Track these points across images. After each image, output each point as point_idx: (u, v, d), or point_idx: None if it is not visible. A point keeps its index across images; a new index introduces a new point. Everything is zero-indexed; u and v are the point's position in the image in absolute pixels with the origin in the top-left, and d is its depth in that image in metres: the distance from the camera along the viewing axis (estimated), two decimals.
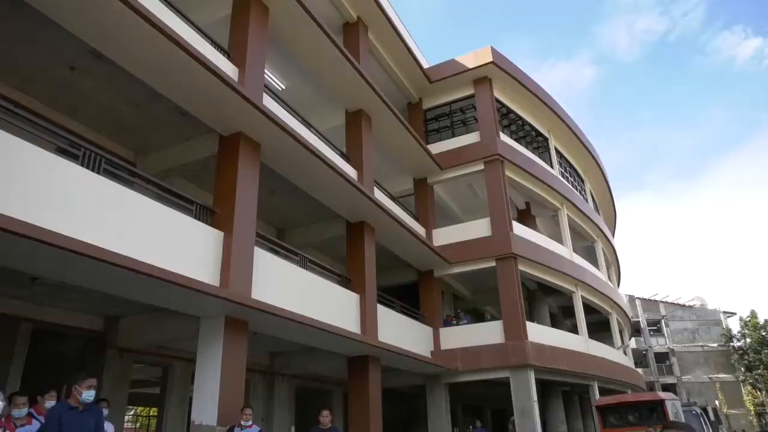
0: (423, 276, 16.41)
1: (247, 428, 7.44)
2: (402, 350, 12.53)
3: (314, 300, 10.12)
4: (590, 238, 22.45)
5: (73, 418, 4.48)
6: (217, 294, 7.46)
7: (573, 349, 16.42)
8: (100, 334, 9.77)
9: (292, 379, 14.39)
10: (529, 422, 13.83)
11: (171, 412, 11.00)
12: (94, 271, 6.44)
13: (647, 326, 45.02)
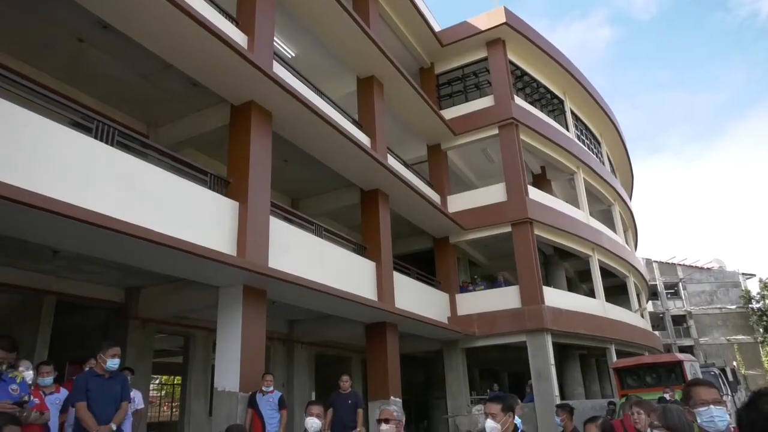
0: (438, 243, 16.40)
1: (269, 394, 7.61)
2: (419, 316, 12.62)
3: (330, 268, 10.17)
4: (607, 201, 22.20)
5: (98, 385, 4.59)
6: (234, 263, 7.52)
7: (590, 313, 16.41)
8: (122, 306, 9.95)
9: (311, 346, 14.61)
10: (546, 385, 13.95)
11: (194, 379, 11.26)
12: (112, 243, 6.50)
13: (664, 289, 44.83)
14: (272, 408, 7.51)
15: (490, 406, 3.72)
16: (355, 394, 8.40)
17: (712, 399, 2.65)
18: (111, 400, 4.57)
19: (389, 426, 4.00)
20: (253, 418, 7.42)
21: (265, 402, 7.52)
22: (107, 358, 4.62)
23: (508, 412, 3.70)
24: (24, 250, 7.56)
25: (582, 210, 18.49)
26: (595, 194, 20.94)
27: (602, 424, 3.58)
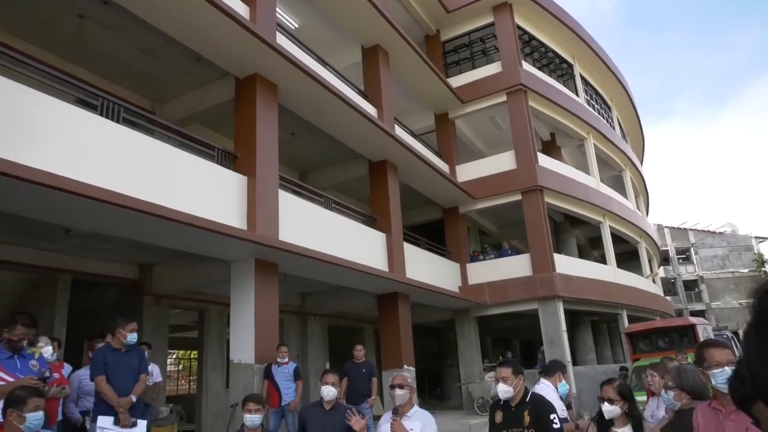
0: (448, 213, 16.36)
1: (284, 365, 7.71)
2: (430, 286, 12.67)
3: (340, 240, 10.18)
4: (618, 167, 21.96)
5: (116, 358, 4.65)
6: (245, 237, 7.54)
7: (601, 279, 16.40)
8: (136, 282, 10.07)
9: (324, 318, 14.77)
10: (558, 351, 14.03)
11: (210, 353, 11.44)
12: (123, 220, 6.53)
13: (676, 255, 44.63)
14: (288, 379, 7.62)
15: (501, 371, 3.74)
16: (369, 363, 8.49)
17: (726, 360, 2.63)
18: (129, 373, 4.65)
19: (403, 391, 4.04)
20: (269, 389, 7.53)
21: (280, 373, 7.63)
22: (126, 333, 4.67)
23: (518, 375, 3.73)
24: (37, 230, 7.62)
25: (592, 176, 18.31)
26: (605, 160, 20.71)
27: (619, 386, 3.57)
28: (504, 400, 3.76)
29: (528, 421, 3.57)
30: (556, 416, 3.56)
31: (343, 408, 4.63)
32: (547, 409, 3.61)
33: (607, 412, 3.54)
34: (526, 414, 3.60)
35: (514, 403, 3.70)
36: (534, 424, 3.54)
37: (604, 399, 3.57)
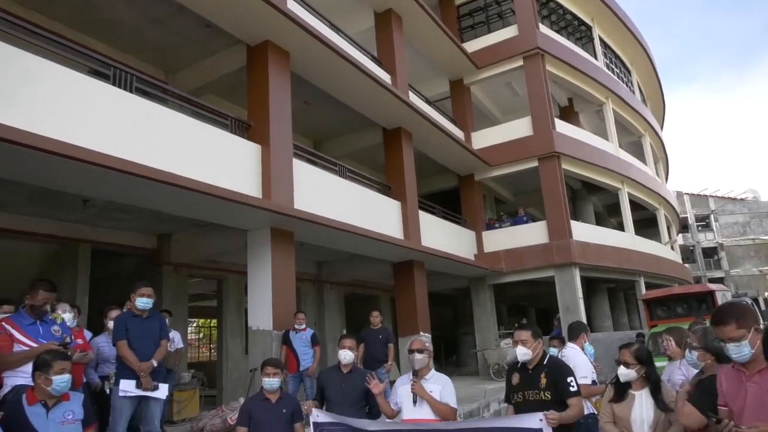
0: (463, 180, 16.23)
1: (301, 331, 7.81)
2: (445, 254, 12.67)
3: (355, 208, 10.16)
4: (637, 132, 21.51)
5: (136, 324, 4.73)
6: (260, 206, 7.56)
7: (619, 246, 16.25)
8: (155, 252, 10.20)
9: (340, 286, 14.89)
10: (574, 318, 14.02)
11: (229, 321, 11.63)
12: (140, 189, 6.56)
13: (695, 222, 44.01)
14: (305, 345, 7.73)
15: (521, 333, 3.74)
16: (385, 329, 8.57)
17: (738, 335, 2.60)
18: (150, 338, 4.73)
19: (422, 356, 4.06)
20: (287, 355, 7.65)
21: (298, 339, 7.73)
22: (136, 297, 4.74)
23: (537, 339, 3.72)
24: (56, 201, 7.71)
25: (611, 142, 17.98)
26: (624, 125, 20.29)
27: (636, 351, 3.55)
28: (522, 362, 3.76)
29: (544, 384, 3.57)
30: (573, 379, 3.55)
31: (361, 372, 4.68)
32: (564, 372, 3.60)
33: (623, 375, 3.54)
34: (543, 377, 3.60)
35: (532, 366, 3.71)
36: (550, 387, 3.54)
37: (620, 362, 3.56)
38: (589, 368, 5.08)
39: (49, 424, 3.09)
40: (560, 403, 3.47)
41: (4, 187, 6.63)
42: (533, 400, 3.58)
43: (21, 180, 6.08)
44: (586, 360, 5.18)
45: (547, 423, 3.25)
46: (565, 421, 3.36)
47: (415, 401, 3.97)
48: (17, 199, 7.49)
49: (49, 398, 3.14)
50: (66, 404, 3.22)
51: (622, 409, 3.49)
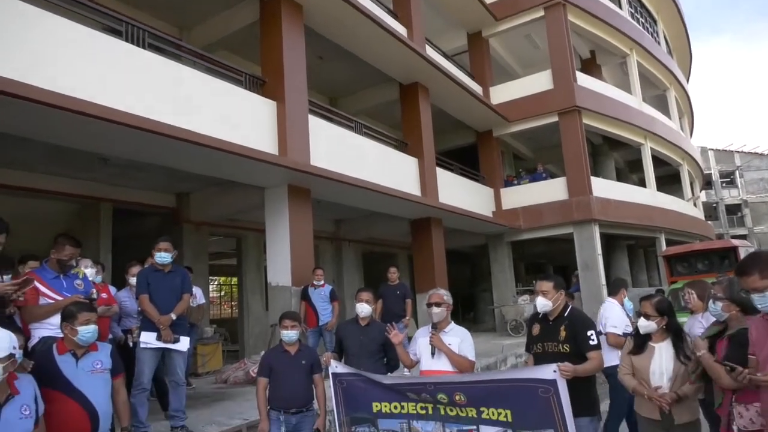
0: (481, 137, 15.98)
1: (320, 287, 7.89)
2: (463, 210, 12.61)
3: (372, 165, 10.09)
4: (662, 85, 20.85)
5: (158, 278, 4.81)
6: (276, 162, 7.53)
7: (640, 203, 16.01)
8: (174, 210, 10.30)
9: (358, 244, 14.98)
10: (593, 275, 13.99)
11: (249, 278, 11.82)
12: (157, 147, 6.57)
13: (720, 178, 43.05)
14: (324, 300, 7.82)
15: (542, 284, 3.69)
16: (403, 285, 8.62)
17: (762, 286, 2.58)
18: (172, 292, 4.81)
19: (440, 309, 4.06)
20: (306, 310, 7.76)
21: (317, 295, 7.82)
22: (155, 252, 4.81)
23: (559, 290, 3.68)
24: (75, 159, 7.75)
25: (634, 95, 17.46)
26: (649, 78, 19.65)
27: (658, 302, 3.50)
28: (543, 313, 3.74)
29: (564, 336, 3.55)
30: (594, 333, 3.50)
31: (378, 325, 4.72)
32: (584, 324, 3.56)
33: (643, 327, 3.50)
34: (563, 329, 3.57)
35: (552, 318, 3.68)
36: (570, 340, 3.52)
37: (641, 314, 3.52)
38: (622, 321, 5.04)
39: (79, 372, 3.17)
40: (579, 356, 3.45)
41: (19, 144, 6.67)
42: (552, 352, 3.57)
43: (36, 138, 6.10)
44: (621, 313, 5.14)
45: (560, 375, 3.26)
46: (582, 374, 3.35)
47: (434, 353, 4.00)
48: (33, 157, 7.54)
49: (78, 348, 3.22)
50: (94, 354, 3.30)
51: (641, 361, 3.48)
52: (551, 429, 3.35)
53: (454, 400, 3.65)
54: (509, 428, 3.51)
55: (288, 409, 4.13)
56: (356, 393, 4.10)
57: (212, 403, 6.40)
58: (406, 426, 3.90)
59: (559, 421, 3.30)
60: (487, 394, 3.55)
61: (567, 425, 3.29)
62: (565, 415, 3.27)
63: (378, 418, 4.00)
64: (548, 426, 3.36)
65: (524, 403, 3.42)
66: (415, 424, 3.86)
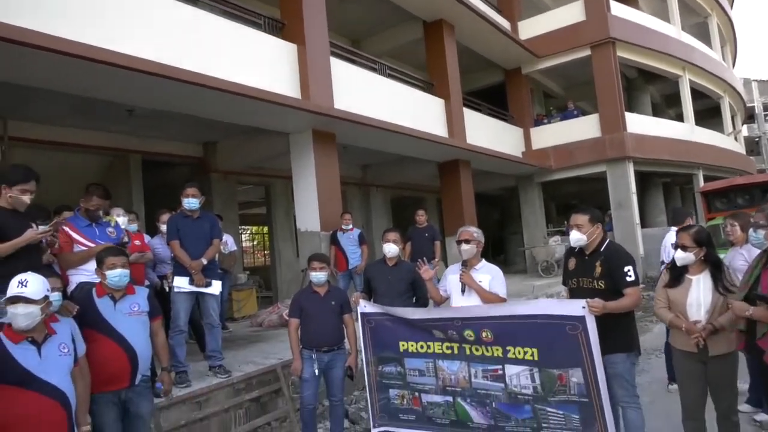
0: (510, 75, 15.45)
1: (349, 231, 7.91)
2: (492, 151, 12.38)
3: (397, 107, 9.87)
4: (703, 12, 19.61)
5: (188, 224, 4.86)
6: (299, 106, 7.43)
7: (677, 138, 15.45)
8: (202, 160, 10.38)
9: (386, 189, 14.93)
10: (627, 213, 13.71)
11: (279, 226, 11.95)
12: (179, 95, 6.52)
13: (763, 111, 41.01)
14: (353, 244, 7.85)
15: (577, 217, 3.57)
16: (432, 227, 8.58)
17: None
18: (201, 238, 4.87)
19: (470, 246, 3.99)
20: (336, 254, 7.82)
21: (346, 239, 7.86)
22: (183, 198, 4.83)
23: (595, 224, 3.55)
24: (102, 112, 7.79)
25: (673, 24, 16.51)
26: (688, 4, 18.47)
27: (696, 233, 3.36)
28: (579, 248, 3.63)
29: (599, 272, 3.43)
30: (632, 269, 3.36)
31: (406, 264, 4.71)
32: (622, 260, 3.40)
33: (680, 259, 3.37)
34: (599, 264, 3.45)
35: (589, 252, 3.56)
36: (605, 276, 3.40)
37: (678, 246, 3.39)
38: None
39: (117, 314, 3.27)
40: (615, 293, 3.34)
41: (48, 98, 6.73)
42: (587, 288, 3.48)
43: (62, 90, 6.11)
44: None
45: (589, 311, 3.19)
46: (614, 310, 3.27)
47: (464, 291, 3.97)
48: (61, 111, 7.61)
49: (115, 292, 3.32)
50: (132, 297, 3.39)
51: (677, 294, 3.38)
52: (579, 368, 3.31)
53: (481, 337, 3.64)
54: (534, 367, 3.48)
55: (320, 348, 4.22)
56: (384, 333, 4.14)
57: (248, 345, 6.59)
58: (432, 365, 3.93)
59: (587, 359, 3.25)
60: (514, 331, 3.51)
61: (595, 364, 3.22)
62: (593, 354, 3.21)
63: (404, 357, 4.04)
64: (575, 365, 3.32)
65: (551, 340, 3.38)
66: (441, 364, 3.89)
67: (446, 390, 3.86)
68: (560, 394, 3.40)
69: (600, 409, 3.26)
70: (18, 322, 2.55)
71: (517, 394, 3.55)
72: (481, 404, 3.71)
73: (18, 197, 3.32)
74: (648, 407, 4.83)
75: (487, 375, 3.66)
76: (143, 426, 3.39)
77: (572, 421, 3.38)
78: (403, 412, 4.11)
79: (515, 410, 3.59)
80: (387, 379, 4.14)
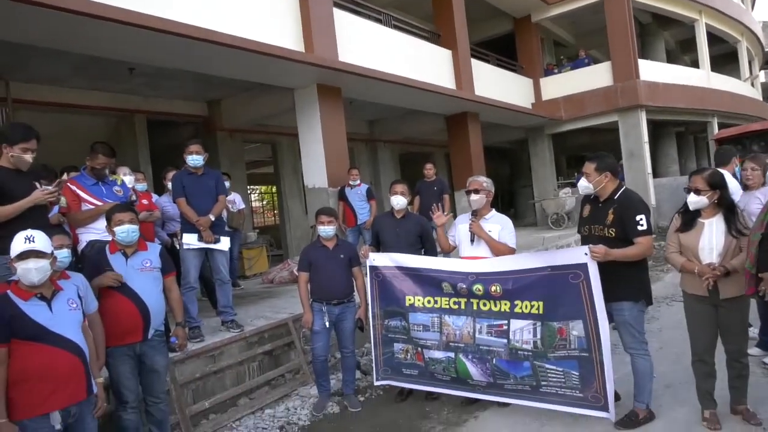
0: (519, 24, 14.96)
1: (356, 186, 7.87)
2: (501, 103, 12.14)
3: (403, 59, 9.63)
4: None
5: (192, 181, 4.83)
6: (303, 60, 7.27)
7: (691, 85, 15.00)
8: (207, 119, 10.30)
9: (394, 144, 14.79)
10: (639, 163, 13.52)
11: (287, 183, 11.93)
12: (180, 50, 6.37)
13: None
14: (361, 199, 7.81)
15: (586, 165, 3.52)
16: (440, 181, 8.51)
17: None
18: (207, 194, 4.84)
19: (479, 196, 3.96)
20: (344, 210, 7.80)
21: (354, 194, 7.82)
22: (186, 155, 4.80)
23: (603, 172, 3.48)
24: (104, 71, 7.71)
25: None
26: None
27: (710, 175, 3.28)
28: (594, 195, 3.58)
29: (611, 220, 3.39)
30: (644, 218, 3.30)
31: (414, 217, 4.69)
32: (635, 208, 3.34)
33: (693, 203, 3.29)
34: (611, 213, 3.40)
35: (602, 199, 3.52)
36: (617, 224, 3.36)
37: (690, 189, 3.31)
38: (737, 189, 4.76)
39: (129, 270, 3.32)
40: (626, 241, 3.31)
41: (49, 57, 6.64)
42: (597, 236, 3.46)
43: (62, 48, 6.00)
44: (736, 184, 4.86)
45: (591, 257, 3.16)
46: (621, 258, 3.25)
47: (473, 240, 3.96)
48: (63, 71, 7.53)
49: (127, 248, 3.34)
50: (143, 254, 3.43)
51: (689, 239, 3.33)
52: (579, 320, 3.32)
53: (490, 292, 3.65)
54: (538, 321, 3.50)
55: (330, 301, 4.25)
56: (391, 287, 4.16)
57: (259, 301, 6.68)
58: (438, 320, 3.96)
59: (588, 309, 3.25)
60: (523, 285, 3.53)
61: (596, 314, 3.22)
62: (595, 304, 3.20)
63: (409, 312, 4.07)
64: (576, 317, 3.33)
65: (555, 292, 3.39)
66: (447, 319, 3.91)
67: (449, 346, 3.90)
68: (560, 349, 3.43)
69: (600, 365, 3.29)
70: (31, 276, 2.57)
71: (518, 349, 3.59)
72: (482, 361, 3.76)
73: (20, 156, 3.29)
74: (658, 353, 4.88)
75: (492, 330, 3.70)
76: (159, 379, 3.46)
77: (571, 379, 3.42)
78: (406, 366, 4.18)
79: (515, 367, 3.63)
80: (392, 333, 4.20)
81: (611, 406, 3.32)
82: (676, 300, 6.33)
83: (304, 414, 4.31)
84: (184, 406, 4.09)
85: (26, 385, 2.53)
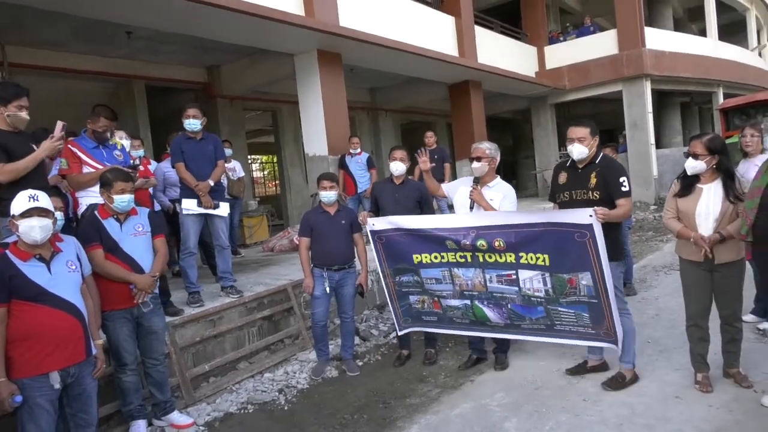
0: None
1: (357, 155, 7.83)
2: (504, 71, 11.98)
3: (405, 25, 9.46)
4: None
5: (191, 146, 4.80)
6: (303, 24, 7.14)
7: (698, 54, 14.75)
8: (207, 85, 10.21)
9: (395, 114, 14.67)
10: (642, 134, 13.40)
11: (287, 152, 11.89)
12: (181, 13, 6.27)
13: None
14: (361, 168, 7.79)
15: (577, 130, 3.50)
16: (441, 149, 8.47)
17: None
18: (206, 159, 4.81)
19: (481, 164, 3.92)
20: (344, 179, 7.77)
21: (354, 163, 7.78)
22: (184, 119, 4.76)
23: (595, 136, 3.50)
24: (101, 35, 7.60)
25: None
26: None
27: (710, 140, 3.26)
28: (572, 161, 3.58)
29: (594, 184, 3.43)
30: (626, 179, 3.39)
31: (413, 183, 4.67)
32: (617, 171, 3.43)
33: (691, 167, 3.29)
34: (593, 176, 3.44)
35: (582, 165, 3.52)
36: (600, 187, 3.41)
37: (689, 155, 3.30)
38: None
39: (123, 235, 3.33)
40: (609, 202, 3.37)
41: (45, 20, 6.54)
42: (580, 200, 3.48)
43: (60, 10, 5.91)
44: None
45: (597, 218, 3.18)
46: (613, 219, 3.31)
47: (472, 207, 3.94)
48: (60, 35, 7.43)
49: (119, 214, 3.33)
50: (135, 218, 3.43)
51: (687, 203, 3.33)
52: (587, 272, 3.37)
53: (493, 246, 3.67)
54: (546, 272, 3.55)
55: (330, 266, 4.28)
56: (396, 246, 4.16)
57: (260, 268, 6.72)
58: (448, 273, 4.00)
59: (595, 264, 3.32)
60: (525, 239, 3.56)
61: (603, 268, 3.30)
62: (602, 259, 3.27)
63: (420, 268, 4.10)
64: (584, 269, 3.39)
65: (561, 247, 3.43)
66: (456, 271, 3.95)
67: (464, 294, 3.98)
68: (571, 295, 3.53)
69: (609, 308, 3.40)
70: (35, 233, 2.57)
71: (530, 296, 3.69)
72: (498, 306, 3.87)
73: (16, 114, 3.28)
74: (654, 319, 4.94)
75: (502, 279, 3.77)
76: (157, 340, 3.51)
77: (583, 319, 3.56)
78: (425, 314, 4.29)
79: (529, 311, 3.75)
80: (406, 287, 4.26)
81: (620, 342, 3.47)
82: (674, 269, 6.36)
83: (302, 378, 4.37)
84: (185, 369, 4.15)
85: (25, 344, 2.56)
